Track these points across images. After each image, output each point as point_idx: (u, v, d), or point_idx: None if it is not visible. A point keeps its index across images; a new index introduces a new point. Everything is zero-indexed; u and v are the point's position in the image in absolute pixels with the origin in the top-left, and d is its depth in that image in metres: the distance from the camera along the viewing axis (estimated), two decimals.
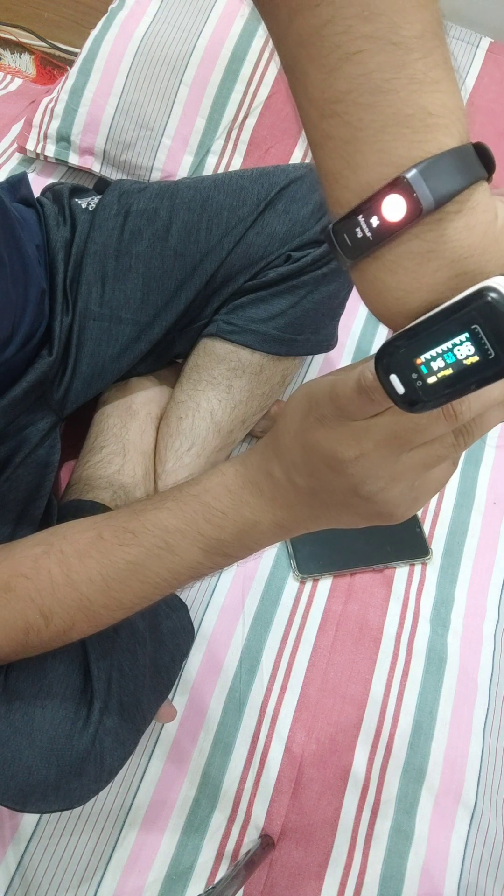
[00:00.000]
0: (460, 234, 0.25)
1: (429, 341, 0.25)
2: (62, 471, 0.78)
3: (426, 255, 0.25)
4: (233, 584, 0.77)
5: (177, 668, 0.64)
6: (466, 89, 0.98)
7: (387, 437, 0.30)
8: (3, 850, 0.63)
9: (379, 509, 0.33)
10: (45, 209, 0.67)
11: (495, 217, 0.26)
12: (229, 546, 0.38)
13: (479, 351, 0.24)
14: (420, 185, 0.24)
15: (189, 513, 0.38)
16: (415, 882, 0.64)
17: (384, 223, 0.25)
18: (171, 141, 0.97)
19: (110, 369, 0.68)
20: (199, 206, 0.66)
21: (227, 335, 0.69)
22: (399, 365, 0.26)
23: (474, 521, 0.84)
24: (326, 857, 0.65)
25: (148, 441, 0.73)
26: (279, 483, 0.35)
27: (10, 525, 0.61)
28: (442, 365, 0.25)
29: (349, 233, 0.26)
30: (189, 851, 0.64)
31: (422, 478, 0.32)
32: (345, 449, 0.31)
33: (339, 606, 0.76)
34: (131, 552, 0.39)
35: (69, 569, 0.40)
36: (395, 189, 0.24)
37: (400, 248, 0.25)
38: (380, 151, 0.24)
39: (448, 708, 0.72)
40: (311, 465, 0.33)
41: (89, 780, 0.51)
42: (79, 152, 0.99)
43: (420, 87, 0.24)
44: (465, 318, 0.24)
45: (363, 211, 0.25)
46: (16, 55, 1.29)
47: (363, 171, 0.25)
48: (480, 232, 0.25)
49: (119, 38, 0.96)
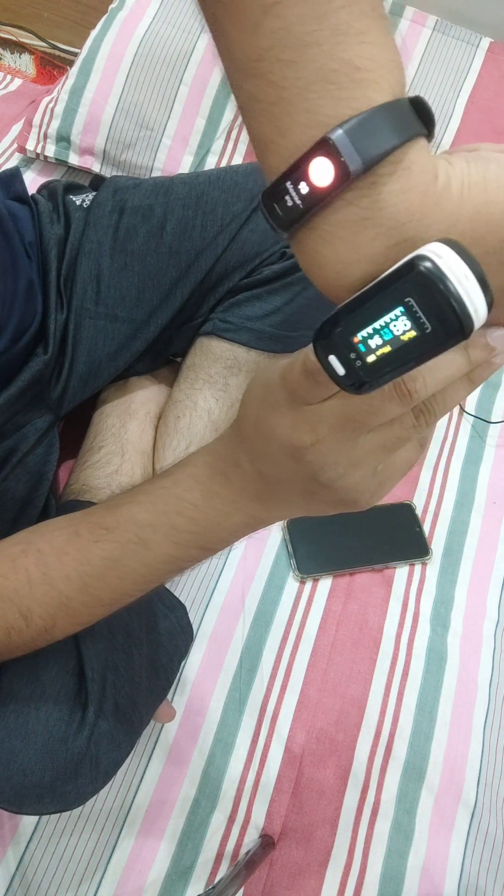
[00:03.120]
0: (396, 197, 0.23)
1: (364, 318, 0.24)
2: (61, 470, 0.78)
3: (362, 223, 0.23)
4: (233, 584, 0.77)
5: (175, 668, 0.63)
6: (466, 89, 0.98)
7: (341, 421, 0.28)
8: (3, 850, 0.63)
9: (342, 497, 0.31)
10: (38, 206, 0.66)
11: (435, 177, 0.23)
12: (203, 538, 0.37)
13: (415, 325, 0.23)
14: (346, 145, 0.22)
15: (160, 506, 0.37)
16: (415, 882, 0.64)
17: (313, 189, 0.23)
18: (171, 141, 0.97)
19: (107, 368, 0.68)
20: (194, 203, 0.66)
21: (222, 333, 0.69)
22: (336, 345, 0.25)
23: (474, 520, 0.84)
24: (326, 857, 0.65)
25: (147, 441, 0.73)
26: (247, 473, 0.34)
27: (8, 525, 0.61)
28: (380, 342, 0.24)
29: (279, 202, 0.24)
30: (189, 851, 0.64)
31: (385, 462, 0.31)
32: (300, 435, 0.29)
33: (338, 606, 0.76)
34: (106, 548, 0.38)
35: (46, 567, 0.40)
36: (321, 152, 0.22)
37: (334, 216, 0.24)
38: (306, 112, 0.22)
39: (448, 708, 0.72)
40: (270, 453, 0.32)
41: (85, 782, 0.51)
42: (79, 152, 0.99)
43: (344, 39, 0.22)
44: (399, 290, 0.23)
45: (291, 177, 0.23)
46: (16, 55, 1.28)
47: (291, 134, 0.23)
48: (418, 194, 0.23)
49: (119, 38, 0.96)
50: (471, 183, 0.24)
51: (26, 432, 0.64)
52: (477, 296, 0.22)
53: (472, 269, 0.22)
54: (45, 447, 0.66)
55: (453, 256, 0.22)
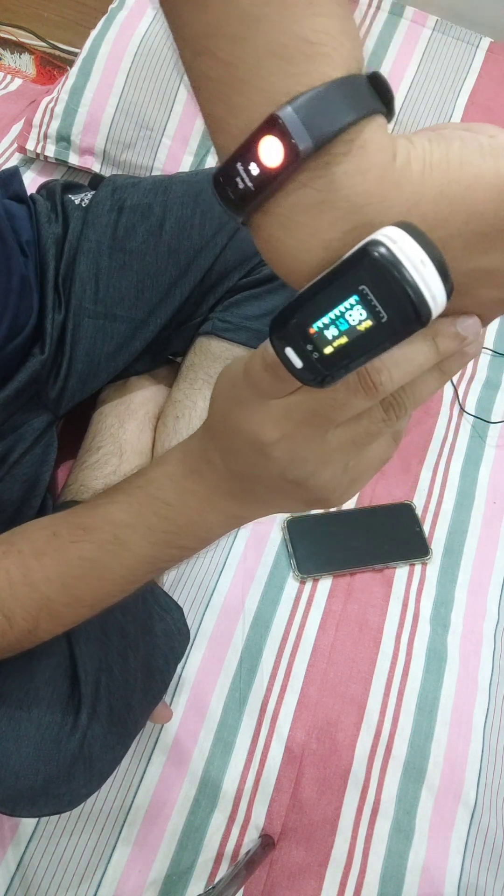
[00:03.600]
0: (352, 178, 0.22)
1: (319, 308, 0.22)
2: (61, 471, 0.78)
3: (319, 207, 0.22)
4: (233, 585, 0.77)
5: (171, 670, 0.63)
6: (466, 89, 0.98)
7: (307, 416, 0.27)
8: (3, 850, 0.63)
9: (313, 494, 0.30)
10: (36, 205, 0.66)
11: (393, 157, 0.22)
12: (180, 538, 0.36)
13: (371, 315, 0.21)
14: (295, 123, 0.20)
15: (136, 505, 0.36)
16: (415, 882, 0.64)
17: (263, 170, 0.22)
18: (171, 141, 0.97)
19: (105, 367, 0.68)
20: (192, 201, 0.66)
21: (221, 333, 0.69)
22: (292, 336, 0.23)
23: (474, 520, 0.84)
24: (326, 857, 0.65)
25: (145, 441, 0.73)
26: (219, 470, 0.33)
27: (4, 526, 0.61)
28: (336, 333, 0.22)
29: (230, 184, 0.23)
30: (189, 851, 0.64)
31: (357, 458, 0.29)
32: (265, 431, 0.28)
33: (339, 606, 0.76)
34: (85, 549, 0.38)
35: (27, 568, 0.39)
36: (270, 130, 0.21)
37: (288, 199, 0.22)
38: (257, 89, 0.21)
39: (448, 708, 0.72)
40: (238, 450, 0.30)
41: (79, 785, 0.50)
42: (79, 152, 0.99)
43: (294, 12, 0.21)
44: (352, 278, 0.21)
45: (241, 158, 0.22)
46: (16, 55, 1.28)
47: (243, 113, 0.22)
48: (375, 175, 0.22)
49: (119, 38, 0.96)
50: (432, 162, 0.22)
51: (23, 433, 0.64)
52: (434, 282, 0.21)
53: (429, 254, 0.21)
54: (43, 447, 0.66)
55: (409, 241, 0.21)
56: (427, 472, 0.86)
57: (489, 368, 0.96)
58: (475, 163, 0.22)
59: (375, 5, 1.00)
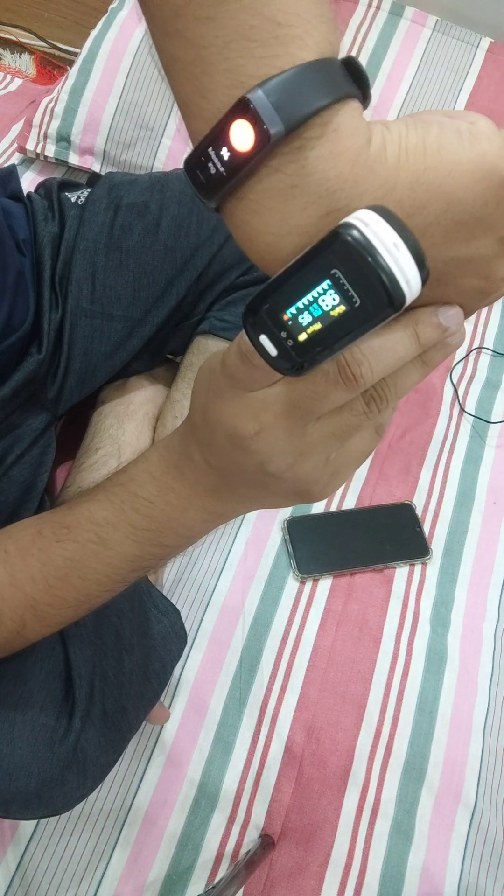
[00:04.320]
0: (325, 163, 0.21)
1: (291, 293, 0.22)
2: (60, 472, 0.78)
3: (290, 191, 0.22)
4: (233, 584, 0.77)
5: (167, 673, 0.62)
6: (466, 89, 0.98)
7: (285, 408, 0.27)
8: (3, 850, 0.63)
9: (294, 487, 0.30)
10: (33, 204, 0.66)
11: (367, 141, 0.22)
12: (162, 535, 0.36)
13: (344, 300, 0.21)
14: (265, 107, 0.20)
15: (117, 503, 0.36)
16: (415, 882, 0.64)
17: (234, 155, 0.21)
18: (171, 141, 0.97)
19: (103, 367, 0.68)
20: (190, 199, 0.65)
21: (219, 332, 0.69)
22: (266, 323, 0.23)
23: (474, 520, 0.84)
24: (326, 857, 0.65)
25: (145, 441, 0.73)
26: (199, 466, 0.32)
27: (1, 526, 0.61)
28: (309, 319, 0.22)
29: (202, 168, 0.22)
30: (189, 851, 0.64)
31: (338, 450, 0.29)
32: (244, 424, 0.28)
33: (339, 606, 0.76)
34: (68, 548, 0.37)
35: (12, 568, 0.39)
36: (241, 114, 0.21)
37: (260, 184, 0.22)
38: (227, 72, 0.21)
39: (448, 708, 0.72)
40: (217, 444, 0.30)
41: (72, 788, 0.50)
42: (79, 152, 0.99)
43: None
44: (324, 262, 0.21)
45: (212, 142, 0.22)
46: (16, 55, 1.28)
47: (212, 96, 0.21)
48: (348, 160, 0.21)
49: (119, 38, 0.96)
50: (408, 147, 0.22)
51: (21, 433, 0.63)
52: (409, 266, 0.20)
53: (403, 238, 0.20)
54: (41, 449, 0.65)
55: (381, 223, 0.20)
56: (427, 472, 0.86)
57: (489, 368, 0.96)
58: (453, 149, 0.22)
59: (375, 5, 1.00)
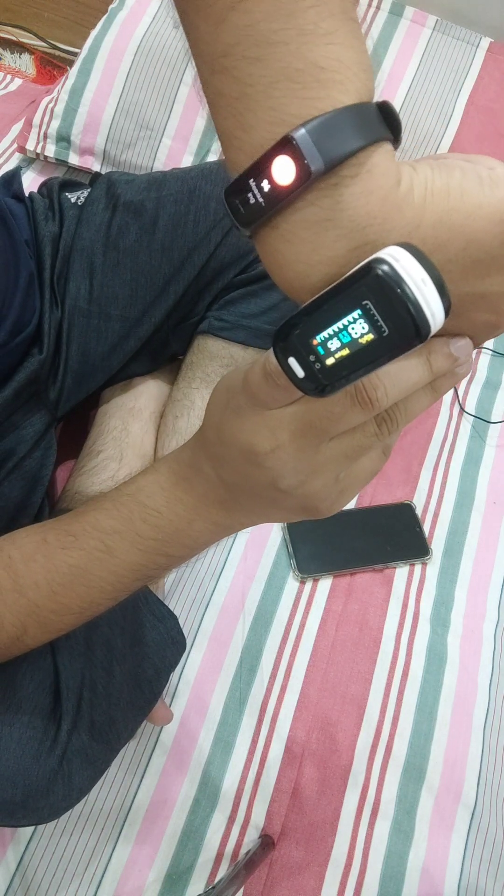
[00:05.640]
0: (358, 200, 0.23)
1: (323, 320, 0.24)
2: (61, 472, 0.78)
3: (323, 224, 0.23)
4: (233, 584, 0.77)
5: (162, 680, 0.62)
6: (466, 89, 0.98)
7: (302, 427, 0.28)
8: (3, 850, 0.63)
9: (302, 504, 0.31)
10: (34, 204, 0.66)
11: (397, 182, 0.24)
12: (168, 546, 0.36)
13: (372, 329, 0.23)
14: (308, 145, 0.22)
15: (125, 513, 0.36)
16: (415, 882, 0.64)
17: (275, 188, 0.23)
18: (171, 141, 0.97)
19: (101, 367, 0.68)
20: (186, 198, 0.65)
21: (218, 332, 0.68)
22: (296, 347, 0.25)
23: (474, 521, 0.84)
24: (326, 856, 0.65)
25: (149, 442, 0.73)
26: (209, 479, 0.34)
27: (2, 531, 0.61)
28: (338, 345, 0.24)
29: (242, 199, 0.24)
30: (189, 851, 0.64)
31: (348, 470, 0.30)
32: (260, 441, 0.29)
33: (339, 606, 0.76)
34: (73, 556, 0.38)
35: (16, 574, 0.39)
36: (284, 150, 0.22)
37: (295, 215, 0.24)
38: (270, 109, 0.22)
39: (448, 708, 0.72)
40: (231, 459, 0.31)
41: (57, 799, 0.50)
42: (79, 152, 0.99)
43: (311, 39, 0.22)
44: (356, 293, 0.23)
45: (254, 174, 0.23)
46: (16, 55, 1.28)
47: (254, 131, 0.23)
48: (380, 198, 0.23)
49: (119, 37, 0.96)
50: (434, 189, 0.24)
51: (23, 434, 0.63)
52: (434, 300, 0.22)
53: (429, 274, 0.22)
54: (43, 450, 0.65)
55: (411, 260, 0.22)
56: (427, 472, 0.86)
57: (489, 368, 0.96)
58: (475, 193, 0.24)
59: (375, 5, 1.00)
